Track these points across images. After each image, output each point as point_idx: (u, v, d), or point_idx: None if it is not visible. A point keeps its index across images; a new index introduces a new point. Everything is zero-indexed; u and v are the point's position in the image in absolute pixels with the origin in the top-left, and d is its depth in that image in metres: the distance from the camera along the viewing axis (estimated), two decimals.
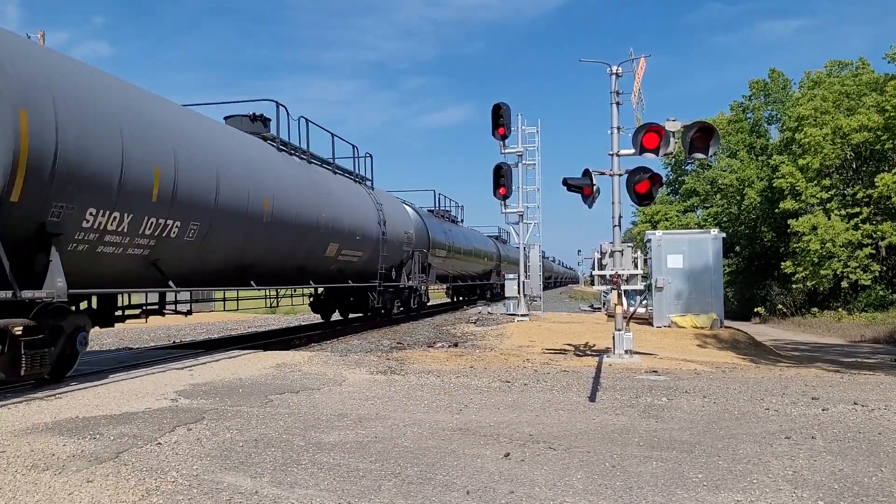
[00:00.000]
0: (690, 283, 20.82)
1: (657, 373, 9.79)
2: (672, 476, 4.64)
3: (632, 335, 11.66)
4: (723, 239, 21.75)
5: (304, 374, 9.41)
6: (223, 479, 4.53)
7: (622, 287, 11.28)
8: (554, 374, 9.49)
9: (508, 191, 18.18)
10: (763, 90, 46.57)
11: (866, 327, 27.47)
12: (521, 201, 21.83)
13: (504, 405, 7.20)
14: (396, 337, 16.38)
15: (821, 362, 14.87)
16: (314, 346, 14.22)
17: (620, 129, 11.34)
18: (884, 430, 6.05)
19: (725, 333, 19.77)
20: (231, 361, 10.66)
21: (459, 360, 11.12)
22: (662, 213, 49.24)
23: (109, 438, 5.57)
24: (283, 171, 13.39)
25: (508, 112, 16.24)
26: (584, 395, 7.84)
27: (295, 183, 13.75)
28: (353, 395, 7.75)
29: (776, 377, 9.66)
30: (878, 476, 4.68)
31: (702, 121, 10.94)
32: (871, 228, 34.00)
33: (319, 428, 6.05)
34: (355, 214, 16.92)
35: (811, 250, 33.85)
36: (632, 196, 11.04)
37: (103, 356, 12.36)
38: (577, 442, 5.57)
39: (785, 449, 5.38)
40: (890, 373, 11.44)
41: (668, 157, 11.77)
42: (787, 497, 4.24)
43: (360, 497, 4.21)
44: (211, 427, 6.02)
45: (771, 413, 6.81)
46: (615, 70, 11.49)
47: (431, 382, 8.71)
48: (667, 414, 6.76)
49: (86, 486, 4.34)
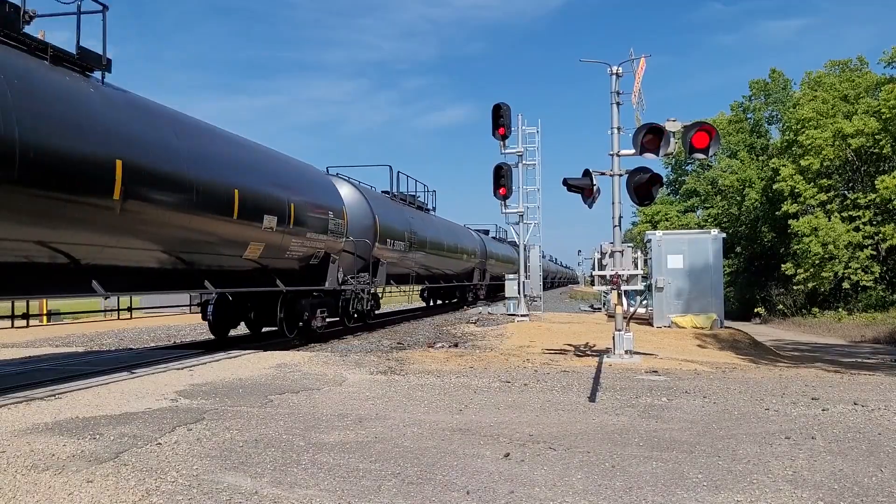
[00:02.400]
0: (690, 283, 20.83)
1: (657, 373, 9.79)
2: (672, 476, 4.64)
3: (632, 335, 11.66)
4: (723, 239, 21.77)
5: (304, 374, 9.41)
6: (223, 480, 4.53)
7: (622, 287, 11.28)
8: (554, 375, 9.49)
9: (508, 191, 18.26)
10: (763, 90, 46.62)
11: (866, 327, 27.47)
12: (522, 201, 21.83)
13: (504, 405, 7.20)
14: (396, 337, 16.39)
15: (821, 362, 14.87)
16: (314, 346, 14.23)
17: (620, 130, 11.34)
18: (884, 431, 6.04)
19: (725, 334, 19.78)
20: (231, 361, 10.66)
21: (459, 361, 11.12)
22: (662, 213, 49.29)
23: (109, 438, 5.57)
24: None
25: (509, 112, 16.28)
26: (584, 395, 7.83)
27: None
28: (353, 396, 7.75)
29: (776, 377, 9.66)
30: (878, 476, 4.68)
31: (702, 121, 10.95)
32: (871, 230, 34.01)
33: (319, 428, 6.05)
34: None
35: (812, 252, 33.86)
36: (632, 196, 11.05)
37: (103, 356, 12.35)
38: (577, 442, 5.56)
39: (785, 449, 5.38)
40: (890, 373, 11.44)
41: (668, 157, 11.78)
42: (787, 497, 4.24)
43: (361, 497, 4.21)
44: (211, 427, 6.02)
45: (771, 413, 6.81)
46: (615, 70, 11.49)
47: (431, 382, 8.72)
48: (667, 414, 6.76)
49: (86, 487, 4.34)
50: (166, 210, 9.66)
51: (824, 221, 34.36)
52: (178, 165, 9.87)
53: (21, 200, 7.31)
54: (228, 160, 11.59)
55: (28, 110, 7.33)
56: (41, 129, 7.48)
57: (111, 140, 8.51)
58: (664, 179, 36.76)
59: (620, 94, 11.45)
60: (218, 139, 11.72)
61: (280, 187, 12.98)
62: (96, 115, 8.49)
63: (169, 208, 9.71)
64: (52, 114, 7.73)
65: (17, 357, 12.30)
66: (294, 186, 13.75)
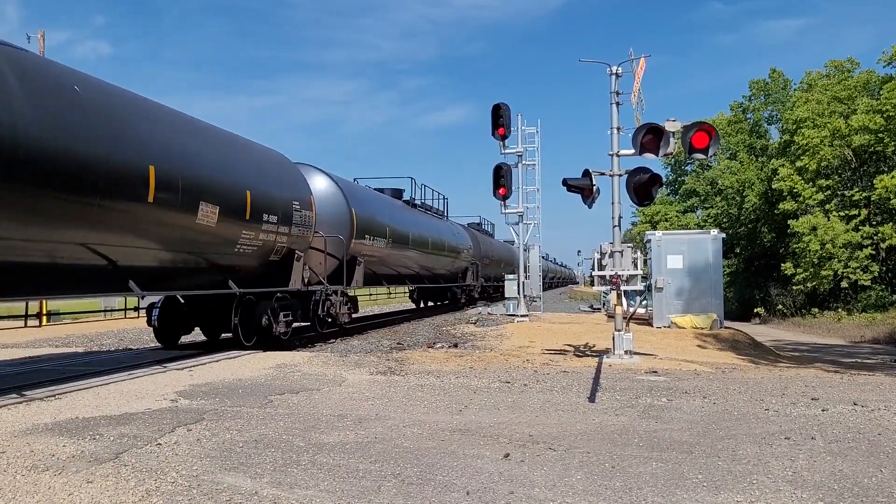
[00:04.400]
0: (690, 283, 20.84)
1: (657, 373, 9.79)
2: (672, 476, 4.64)
3: (631, 336, 11.66)
4: (722, 239, 21.77)
5: (304, 374, 9.41)
6: (223, 480, 4.53)
7: (622, 287, 11.28)
8: (554, 375, 9.49)
9: (508, 191, 18.23)
10: (763, 90, 46.64)
11: (866, 328, 27.49)
12: (521, 201, 21.82)
13: (504, 406, 7.20)
14: (396, 337, 16.39)
15: (820, 363, 14.87)
16: (315, 346, 14.22)
17: (620, 130, 11.34)
18: (884, 431, 6.05)
19: (725, 334, 19.78)
20: (231, 362, 10.66)
21: (459, 361, 11.12)
22: (662, 213, 49.30)
23: (109, 439, 5.57)
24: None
25: (508, 112, 16.27)
26: (583, 395, 7.84)
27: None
28: (352, 396, 7.75)
29: (776, 378, 9.66)
30: (878, 476, 4.68)
31: (701, 121, 10.95)
32: (870, 230, 34.04)
33: (319, 428, 6.05)
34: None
35: (811, 251, 33.89)
36: (631, 196, 11.05)
37: (103, 356, 12.35)
38: (576, 442, 5.56)
39: (785, 449, 5.38)
40: (890, 373, 11.44)
41: (667, 158, 11.78)
42: (787, 497, 4.24)
43: (360, 497, 4.21)
44: (211, 427, 6.02)
45: (771, 413, 6.81)
46: (615, 70, 11.50)
47: (431, 383, 8.72)
48: (666, 414, 6.76)
49: (86, 487, 4.34)
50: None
51: (823, 221, 34.39)
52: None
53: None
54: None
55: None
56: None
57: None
58: (664, 179, 36.85)
59: (620, 95, 11.46)
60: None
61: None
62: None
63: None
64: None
65: (17, 357, 12.30)
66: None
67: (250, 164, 12.40)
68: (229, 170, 11.53)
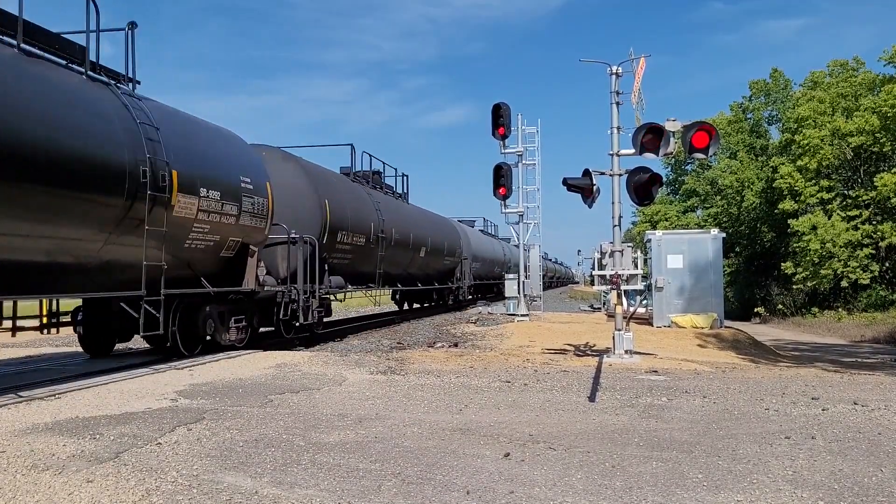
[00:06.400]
0: (690, 282, 20.84)
1: (657, 373, 9.79)
2: (672, 476, 4.64)
3: (632, 335, 11.66)
4: (723, 239, 21.77)
5: (304, 374, 9.41)
6: (223, 479, 4.53)
7: (622, 287, 11.28)
8: (554, 374, 9.49)
9: (508, 191, 18.20)
10: (763, 90, 46.59)
11: (866, 327, 27.47)
12: (521, 201, 21.84)
13: (504, 405, 7.20)
14: (396, 337, 16.40)
15: (821, 362, 14.87)
16: (315, 346, 14.23)
17: (620, 129, 11.35)
18: (884, 430, 6.05)
19: (725, 333, 19.78)
20: (231, 361, 10.66)
21: (459, 360, 11.12)
22: (662, 213, 49.24)
23: (109, 438, 5.57)
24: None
25: (508, 112, 16.25)
26: (584, 395, 7.84)
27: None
28: (353, 395, 7.75)
29: (776, 377, 9.66)
30: (878, 476, 4.68)
31: (701, 121, 10.95)
32: (870, 229, 34.03)
33: (319, 428, 6.05)
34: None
35: (811, 250, 33.87)
36: (632, 196, 11.05)
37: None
38: (576, 442, 5.56)
39: (785, 449, 5.38)
40: (890, 373, 11.44)
41: (667, 157, 11.78)
42: (787, 497, 4.24)
43: (360, 497, 4.21)
44: (211, 427, 6.02)
45: (771, 413, 6.81)
46: (615, 70, 11.50)
47: (431, 382, 8.71)
48: (667, 414, 6.76)
49: (86, 487, 4.34)
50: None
51: (823, 220, 34.38)
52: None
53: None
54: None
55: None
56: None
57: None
58: (664, 179, 36.84)
59: (620, 94, 11.46)
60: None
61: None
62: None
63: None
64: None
65: (17, 357, 12.30)
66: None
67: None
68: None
